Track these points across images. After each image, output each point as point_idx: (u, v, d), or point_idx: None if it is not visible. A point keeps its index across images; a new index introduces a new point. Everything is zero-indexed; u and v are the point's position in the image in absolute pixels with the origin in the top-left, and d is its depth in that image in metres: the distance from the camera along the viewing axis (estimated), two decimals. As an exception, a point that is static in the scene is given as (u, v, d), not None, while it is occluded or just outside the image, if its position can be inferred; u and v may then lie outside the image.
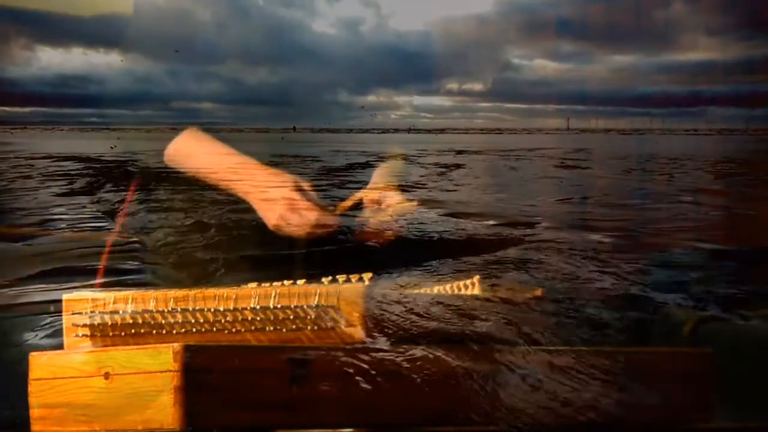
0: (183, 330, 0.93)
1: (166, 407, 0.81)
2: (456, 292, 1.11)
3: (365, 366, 0.86)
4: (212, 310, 0.93)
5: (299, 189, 1.36)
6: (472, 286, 1.10)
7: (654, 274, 1.70)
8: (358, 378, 0.86)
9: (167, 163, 1.50)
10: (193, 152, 1.48)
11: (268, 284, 0.97)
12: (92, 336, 0.95)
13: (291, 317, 0.92)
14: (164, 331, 0.93)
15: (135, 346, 0.88)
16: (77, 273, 1.60)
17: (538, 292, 1.11)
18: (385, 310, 0.91)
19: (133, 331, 0.94)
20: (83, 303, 0.97)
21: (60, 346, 0.97)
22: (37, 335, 1.29)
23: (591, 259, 1.84)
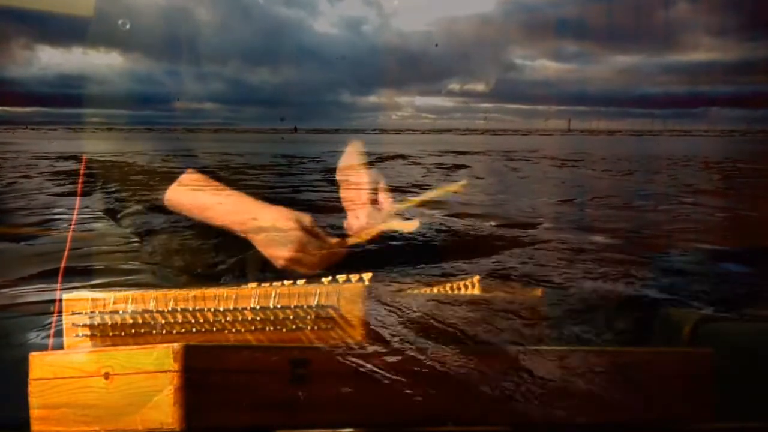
0: (183, 330, 0.93)
1: (166, 407, 0.81)
2: (456, 292, 1.11)
3: (365, 366, 0.86)
4: (212, 310, 0.93)
5: (302, 225, 1.36)
6: (472, 286, 1.10)
7: (655, 274, 1.70)
8: (358, 378, 0.86)
9: (167, 205, 1.51)
10: (192, 197, 1.49)
11: (268, 284, 0.98)
12: (92, 336, 0.96)
13: (291, 317, 0.92)
14: (164, 331, 0.94)
15: (135, 346, 0.88)
16: (78, 273, 1.60)
17: (538, 292, 1.11)
18: (385, 310, 0.91)
19: (133, 331, 0.94)
20: (83, 303, 0.97)
21: (60, 346, 0.98)
22: (38, 335, 1.29)
23: (592, 259, 1.84)
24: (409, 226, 1.41)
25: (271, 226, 1.36)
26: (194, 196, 1.48)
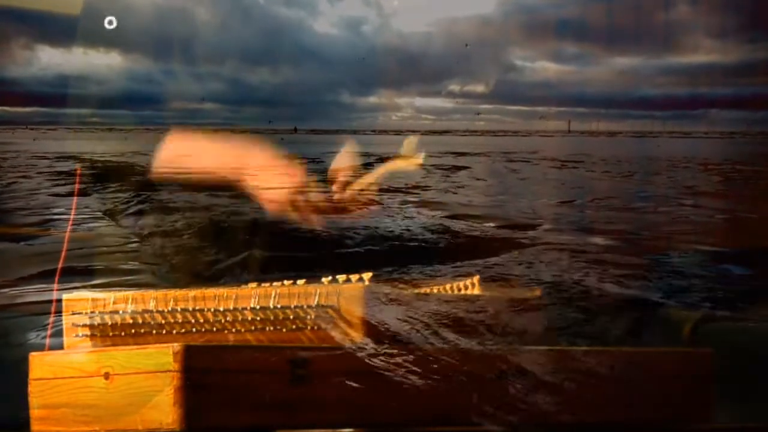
0: (183, 330, 0.93)
1: (166, 407, 0.81)
2: (456, 292, 1.11)
3: (365, 366, 0.86)
4: (212, 310, 0.93)
5: (292, 170, 1.32)
6: (472, 287, 1.10)
7: (655, 275, 1.70)
8: (357, 378, 0.86)
9: (157, 168, 1.46)
10: (183, 153, 1.44)
11: (268, 284, 0.97)
12: (92, 336, 0.96)
13: (291, 317, 0.92)
14: (164, 331, 0.93)
15: (135, 346, 0.88)
16: (78, 273, 1.60)
17: (538, 292, 1.11)
18: (385, 310, 0.91)
19: (133, 331, 0.94)
20: (83, 303, 0.97)
21: (60, 347, 0.97)
22: (38, 335, 1.30)
23: (592, 260, 1.84)
24: (415, 162, 1.36)
25: (262, 170, 1.32)
26: (181, 153, 1.41)
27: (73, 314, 0.97)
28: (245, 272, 1.41)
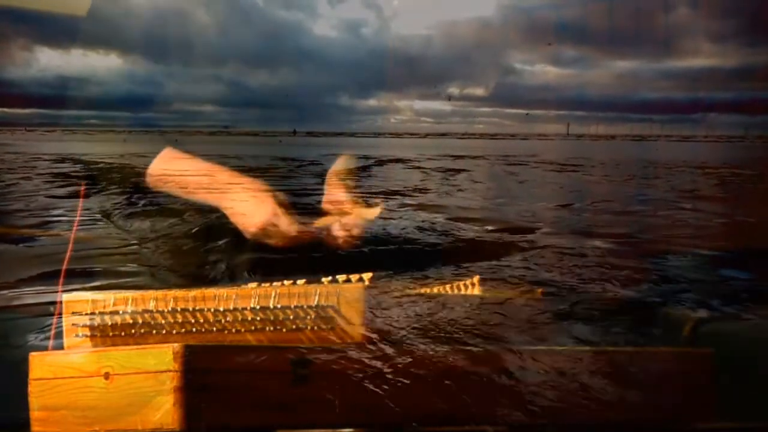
0: (183, 330, 0.93)
1: (166, 407, 0.81)
2: (456, 292, 1.11)
3: (365, 366, 0.86)
4: (212, 310, 0.93)
5: (274, 198, 1.38)
6: (471, 286, 1.11)
7: (654, 277, 1.70)
8: (358, 378, 0.86)
9: (149, 184, 1.52)
10: (172, 173, 1.51)
11: (268, 284, 0.97)
12: (92, 336, 0.95)
13: (291, 317, 0.92)
14: (164, 331, 0.93)
15: (135, 346, 0.88)
16: (78, 275, 1.60)
17: (538, 293, 1.12)
18: (385, 310, 0.91)
19: (133, 331, 0.94)
20: (83, 304, 0.97)
21: (61, 347, 0.97)
22: (38, 336, 1.29)
23: (591, 263, 1.84)
24: (372, 213, 1.42)
25: (244, 197, 1.38)
26: (173, 171, 1.49)
27: (74, 315, 0.97)
28: (244, 273, 1.41)
